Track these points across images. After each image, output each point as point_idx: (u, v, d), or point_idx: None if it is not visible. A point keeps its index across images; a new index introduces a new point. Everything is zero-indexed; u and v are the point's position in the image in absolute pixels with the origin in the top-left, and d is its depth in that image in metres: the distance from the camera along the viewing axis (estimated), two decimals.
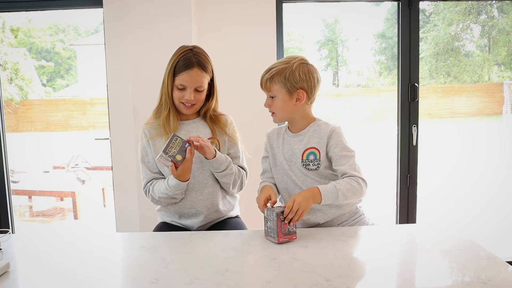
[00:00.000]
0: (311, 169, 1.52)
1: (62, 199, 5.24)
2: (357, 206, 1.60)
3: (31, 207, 5.15)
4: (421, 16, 2.51)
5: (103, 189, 5.17)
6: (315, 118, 1.59)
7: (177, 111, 1.65)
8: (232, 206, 1.75)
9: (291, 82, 1.49)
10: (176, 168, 1.49)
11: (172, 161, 1.48)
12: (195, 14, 2.29)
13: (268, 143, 1.66)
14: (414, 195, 2.55)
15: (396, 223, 2.58)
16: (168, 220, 1.70)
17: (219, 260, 1.21)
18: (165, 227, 1.69)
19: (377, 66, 15.85)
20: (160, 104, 1.65)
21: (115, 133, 2.45)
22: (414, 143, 2.51)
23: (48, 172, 6.53)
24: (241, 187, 1.71)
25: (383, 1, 2.74)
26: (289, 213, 1.33)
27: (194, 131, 1.66)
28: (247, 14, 2.39)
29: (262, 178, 1.68)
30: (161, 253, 1.28)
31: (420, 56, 2.51)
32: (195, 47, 1.62)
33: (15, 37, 13.89)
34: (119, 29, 2.35)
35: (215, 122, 1.68)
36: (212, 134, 1.66)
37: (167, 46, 2.18)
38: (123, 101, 2.39)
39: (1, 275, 1.13)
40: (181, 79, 1.57)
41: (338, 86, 14.89)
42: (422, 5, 2.88)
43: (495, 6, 13.07)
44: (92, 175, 5.77)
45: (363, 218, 1.60)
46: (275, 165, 1.62)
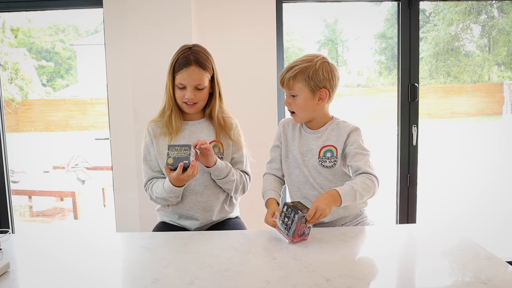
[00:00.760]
0: (326, 166, 1.52)
1: (62, 199, 5.24)
2: (362, 210, 1.61)
3: (31, 207, 5.15)
4: (421, 16, 2.51)
5: (103, 189, 5.17)
6: (333, 117, 1.58)
7: (181, 111, 1.65)
8: (233, 208, 1.74)
9: (315, 81, 1.47)
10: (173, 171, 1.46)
11: (167, 165, 1.46)
12: (195, 14, 2.29)
13: (282, 133, 1.62)
14: (414, 195, 2.55)
15: (396, 223, 2.58)
16: (167, 220, 1.70)
17: (219, 260, 1.20)
18: (164, 227, 1.68)
19: (377, 66, 15.87)
20: (164, 103, 1.64)
21: (115, 133, 2.45)
22: (414, 143, 2.51)
23: (48, 172, 6.53)
24: (243, 191, 1.69)
25: (383, 1, 2.74)
26: (310, 218, 1.31)
27: (198, 132, 1.64)
28: (247, 14, 2.39)
29: (268, 168, 1.64)
30: (161, 253, 1.28)
31: (420, 56, 2.51)
32: (195, 45, 1.61)
33: (15, 37, 13.90)
34: (119, 29, 2.35)
35: (220, 124, 1.65)
36: (216, 137, 1.64)
37: (167, 46, 2.19)
38: (123, 101, 2.39)
39: (1, 275, 1.13)
40: (180, 78, 1.56)
41: None
42: (422, 5, 2.89)
43: (495, 6, 13.08)
44: (92, 175, 5.76)
45: (365, 220, 1.60)
46: (286, 157, 1.60)
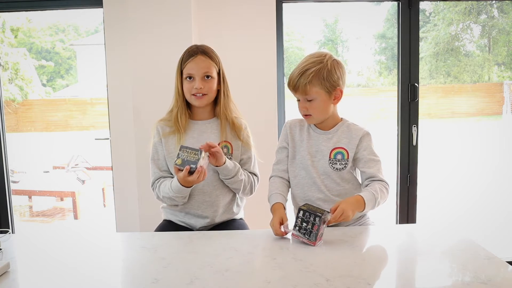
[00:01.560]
0: (336, 169, 1.50)
1: (62, 199, 5.24)
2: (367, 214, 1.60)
3: (31, 207, 5.15)
4: (421, 16, 2.51)
5: (103, 189, 5.17)
6: (342, 118, 1.57)
7: (189, 110, 1.65)
8: (239, 209, 1.74)
9: (330, 82, 1.44)
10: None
11: (175, 165, 1.46)
12: (195, 14, 2.29)
13: (289, 134, 1.58)
14: (414, 195, 2.55)
15: (396, 223, 2.58)
16: (173, 218, 1.69)
17: (220, 260, 1.20)
18: (168, 225, 1.68)
19: (377, 66, 15.87)
20: (173, 102, 1.65)
21: (115, 133, 2.45)
22: (414, 143, 2.51)
23: (48, 172, 6.53)
24: (251, 192, 1.68)
25: (383, 1, 2.74)
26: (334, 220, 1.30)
27: (208, 132, 1.64)
28: (247, 14, 2.39)
29: (275, 170, 1.61)
30: (161, 253, 1.28)
31: (420, 56, 2.51)
32: (200, 44, 1.64)
33: (15, 37, 13.90)
34: (119, 29, 2.35)
35: (230, 124, 1.65)
36: (226, 137, 1.63)
37: (167, 46, 2.19)
38: (123, 101, 2.39)
39: (1, 275, 1.13)
40: (187, 69, 1.57)
41: None
42: (422, 5, 2.89)
43: (495, 6, 13.08)
44: (92, 175, 5.76)
45: (367, 221, 1.60)
46: (293, 158, 1.57)
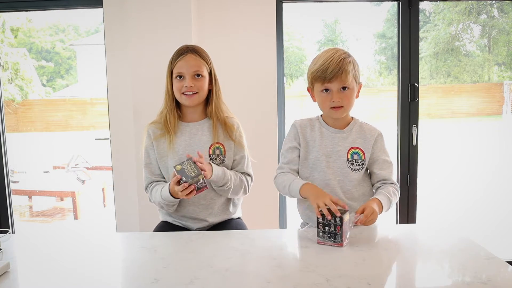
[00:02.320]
0: (354, 170, 1.49)
1: (62, 199, 5.24)
2: None
3: (31, 207, 5.15)
4: (421, 16, 2.51)
5: (103, 189, 5.17)
6: (352, 116, 1.56)
7: (179, 111, 1.63)
8: (235, 209, 1.73)
9: (357, 73, 1.46)
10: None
11: (174, 167, 1.45)
12: (195, 14, 2.29)
13: (300, 134, 1.54)
14: (414, 195, 2.55)
15: (396, 223, 2.58)
16: (170, 219, 1.69)
17: (219, 260, 1.20)
18: (166, 226, 1.68)
19: (377, 66, 15.85)
20: (163, 104, 1.64)
21: (115, 133, 2.45)
22: (414, 143, 2.51)
23: (48, 172, 6.53)
24: (245, 193, 1.67)
25: (383, 1, 2.74)
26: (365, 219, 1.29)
27: (199, 134, 1.62)
28: (247, 14, 2.39)
29: (284, 168, 1.56)
30: (161, 253, 1.28)
31: (420, 56, 2.51)
32: (190, 44, 1.63)
33: (15, 37, 13.90)
34: (119, 29, 2.35)
35: (222, 125, 1.63)
36: (218, 138, 1.62)
37: (167, 46, 2.18)
38: (123, 101, 2.39)
39: (1, 275, 1.13)
40: (177, 67, 1.56)
41: None
42: (422, 5, 2.88)
43: (495, 6, 13.07)
44: (92, 175, 5.76)
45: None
46: (305, 159, 1.54)
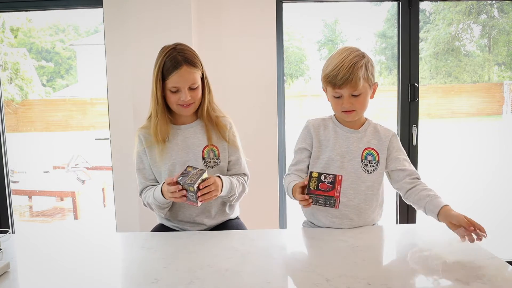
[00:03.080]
0: (367, 171, 1.48)
1: (62, 199, 5.25)
2: (376, 222, 1.57)
3: (31, 207, 5.15)
4: (421, 16, 2.51)
5: (103, 189, 5.17)
6: (365, 117, 1.54)
7: (170, 116, 1.59)
8: (233, 210, 1.71)
9: (371, 74, 1.43)
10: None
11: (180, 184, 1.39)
12: (195, 14, 2.29)
13: (314, 134, 1.52)
14: None
15: (396, 223, 2.58)
16: (167, 223, 1.67)
17: (219, 260, 1.20)
18: (162, 228, 1.67)
19: (377, 66, 15.86)
20: (151, 111, 1.58)
21: (115, 133, 2.45)
22: (414, 143, 2.51)
23: (48, 172, 6.53)
24: (243, 194, 1.66)
25: (383, 1, 2.74)
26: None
27: (192, 137, 1.60)
28: (247, 14, 2.39)
29: (291, 169, 1.54)
30: (161, 253, 1.28)
31: (420, 56, 2.51)
32: (177, 44, 1.55)
33: (15, 37, 13.92)
34: (119, 29, 2.35)
35: (213, 126, 1.60)
36: (211, 141, 1.59)
37: None
38: (123, 101, 2.39)
39: (1, 275, 1.13)
40: (172, 82, 1.48)
41: None
42: (422, 5, 2.88)
43: (495, 6, 13.09)
44: (92, 175, 5.76)
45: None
46: (317, 158, 1.51)
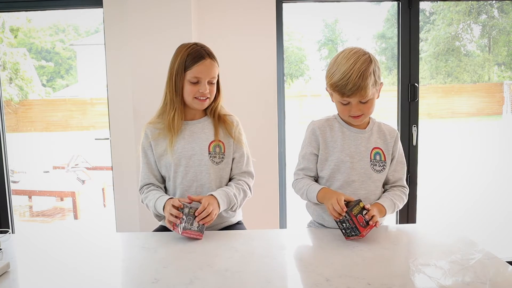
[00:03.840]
0: (376, 171, 1.47)
1: (62, 199, 5.25)
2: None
3: (31, 207, 5.15)
4: (421, 16, 2.51)
5: (103, 189, 5.17)
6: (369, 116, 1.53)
7: (183, 111, 1.60)
8: (234, 212, 1.69)
9: (378, 78, 1.41)
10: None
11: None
12: (195, 14, 2.29)
13: (320, 136, 1.50)
14: (414, 195, 2.55)
15: (396, 223, 2.58)
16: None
17: (219, 260, 1.20)
18: (164, 230, 1.64)
19: None
20: (165, 104, 1.59)
21: (115, 133, 2.45)
22: (414, 143, 2.51)
23: (48, 172, 6.53)
24: (246, 198, 1.64)
25: (383, 1, 2.74)
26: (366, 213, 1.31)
27: (199, 132, 1.61)
28: (247, 14, 2.39)
29: (300, 174, 1.53)
30: (161, 253, 1.28)
31: (420, 56, 2.51)
32: (197, 43, 1.58)
33: (15, 37, 13.92)
34: (119, 29, 2.36)
35: (221, 122, 1.62)
36: (219, 136, 1.61)
37: (167, 46, 2.19)
38: (123, 101, 2.39)
39: (1, 275, 1.13)
40: (195, 72, 1.51)
41: None
42: (422, 5, 2.88)
43: (495, 6, 13.09)
44: (92, 175, 5.76)
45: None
46: (325, 160, 1.50)
